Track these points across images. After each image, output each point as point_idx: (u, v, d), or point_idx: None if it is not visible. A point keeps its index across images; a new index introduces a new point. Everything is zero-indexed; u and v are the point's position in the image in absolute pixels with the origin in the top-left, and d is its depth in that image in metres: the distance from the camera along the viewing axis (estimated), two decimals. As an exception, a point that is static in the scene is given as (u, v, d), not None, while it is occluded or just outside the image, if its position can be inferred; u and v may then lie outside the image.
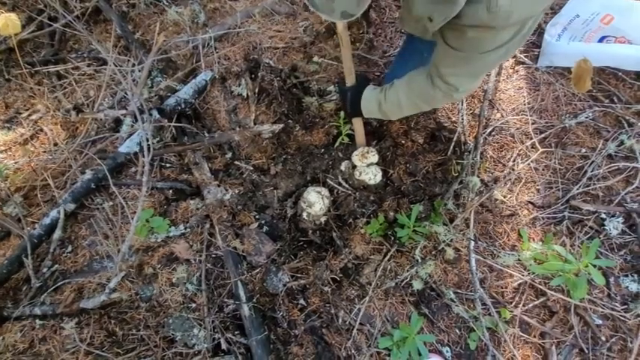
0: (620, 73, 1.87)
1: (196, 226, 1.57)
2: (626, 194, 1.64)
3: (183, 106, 1.70)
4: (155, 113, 1.60)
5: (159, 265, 1.47)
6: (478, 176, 1.60)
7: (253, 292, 1.46)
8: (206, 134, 1.73)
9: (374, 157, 1.65)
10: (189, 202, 1.62)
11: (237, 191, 1.65)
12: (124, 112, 1.58)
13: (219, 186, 1.62)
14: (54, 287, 1.43)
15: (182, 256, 1.49)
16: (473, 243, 1.49)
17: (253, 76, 1.84)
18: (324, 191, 1.63)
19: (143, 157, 1.37)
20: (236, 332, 1.41)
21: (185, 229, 1.54)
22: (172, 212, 1.60)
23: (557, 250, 1.37)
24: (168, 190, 1.64)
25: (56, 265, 1.47)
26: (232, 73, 1.86)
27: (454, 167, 1.65)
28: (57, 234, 1.47)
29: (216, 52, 1.86)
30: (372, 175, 1.60)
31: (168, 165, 1.71)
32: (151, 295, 1.41)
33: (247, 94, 1.81)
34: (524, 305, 1.47)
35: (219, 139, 1.69)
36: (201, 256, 1.50)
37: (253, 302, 1.41)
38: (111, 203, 1.57)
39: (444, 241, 1.50)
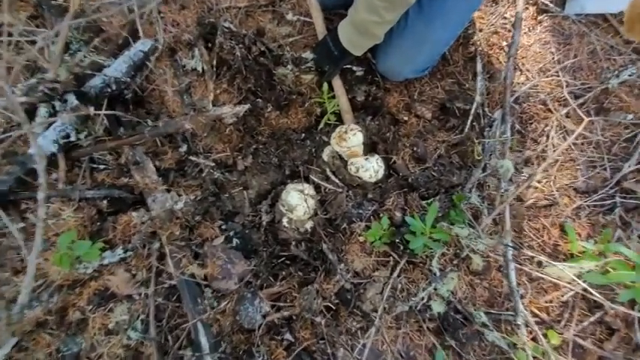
0: (670, 17, 1.50)
1: (141, 247, 1.18)
2: (689, 170, 1.31)
3: (114, 87, 1.28)
4: (72, 99, 1.18)
5: (89, 307, 1.08)
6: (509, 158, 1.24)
7: (221, 332, 1.10)
8: (149, 123, 1.32)
9: (355, 138, 1.26)
10: (131, 214, 1.23)
11: (194, 196, 1.26)
12: (23, 99, 1.14)
13: (168, 191, 1.23)
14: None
15: (121, 291, 1.11)
16: (511, 250, 1.13)
17: (209, 44, 1.43)
18: (308, 189, 1.26)
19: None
20: (201, 389, 1.05)
21: (125, 252, 1.16)
22: (109, 230, 1.21)
23: (621, 252, 1.03)
24: (102, 200, 1.24)
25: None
26: (183, 42, 1.44)
27: (475, 148, 1.28)
28: (-55, 273, 1.08)
29: (161, 17, 1.43)
30: (373, 172, 1.22)
31: (102, 167, 1.30)
32: (78, 351, 1.03)
33: (203, 69, 1.41)
34: (576, 325, 1.14)
35: (165, 128, 1.28)
36: (147, 288, 1.12)
37: (220, 352, 1.04)
38: (22, 224, 1.17)
39: (467, 247, 1.14)
